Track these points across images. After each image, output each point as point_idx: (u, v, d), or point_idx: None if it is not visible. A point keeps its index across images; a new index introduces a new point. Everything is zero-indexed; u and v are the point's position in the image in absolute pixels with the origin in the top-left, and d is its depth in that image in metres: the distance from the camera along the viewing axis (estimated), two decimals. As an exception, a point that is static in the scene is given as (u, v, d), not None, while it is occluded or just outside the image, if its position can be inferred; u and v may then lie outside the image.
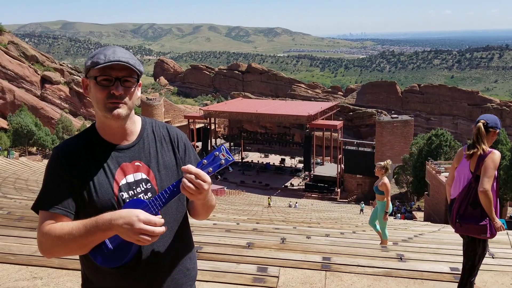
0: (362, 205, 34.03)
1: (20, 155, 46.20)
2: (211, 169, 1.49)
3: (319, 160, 55.54)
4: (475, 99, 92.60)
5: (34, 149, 51.63)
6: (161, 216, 1.48)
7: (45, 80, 69.99)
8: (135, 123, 1.68)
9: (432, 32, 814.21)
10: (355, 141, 53.53)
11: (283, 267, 4.47)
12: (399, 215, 31.85)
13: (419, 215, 31.93)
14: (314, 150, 50.70)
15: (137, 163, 1.63)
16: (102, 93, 1.54)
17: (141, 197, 1.59)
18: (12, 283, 3.72)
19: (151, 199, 1.51)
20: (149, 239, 1.40)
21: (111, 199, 1.55)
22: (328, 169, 52.74)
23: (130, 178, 1.60)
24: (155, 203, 1.49)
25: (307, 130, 49.74)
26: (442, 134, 39.06)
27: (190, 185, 1.44)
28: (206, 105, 74.96)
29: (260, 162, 58.25)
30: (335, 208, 35.37)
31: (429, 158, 34.40)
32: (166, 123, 1.84)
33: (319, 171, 51.89)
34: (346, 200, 46.33)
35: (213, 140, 57.76)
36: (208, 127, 55.88)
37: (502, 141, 31.53)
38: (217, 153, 1.50)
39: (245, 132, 60.51)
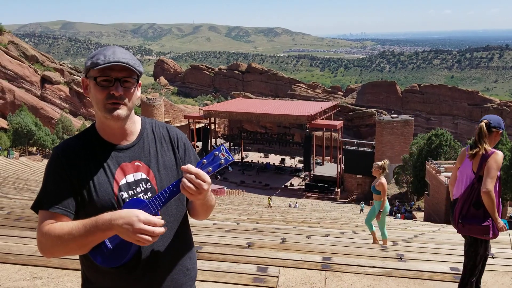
0: (362, 205, 34.03)
1: (20, 155, 46.21)
2: (210, 168, 1.49)
3: (319, 160, 55.53)
4: (475, 99, 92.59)
5: (34, 149, 51.63)
6: (161, 216, 1.48)
7: (45, 80, 70.00)
8: (135, 123, 1.69)
9: (432, 32, 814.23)
10: (355, 141, 53.52)
11: (283, 267, 4.46)
12: (399, 215, 31.83)
13: (419, 215, 31.94)
14: (314, 150, 50.70)
15: (137, 163, 1.63)
16: (101, 93, 1.54)
17: (141, 197, 1.59)
18: (12, 283, 3.72)
19: (150, 198, 1.52)
20: (149, 239, 1.40)
21: (111, 198, 1.56)
22: (328, 169, 52.74)
23: (130, 178, 1.60)
24: (154, 203, 1.49)
25: (307, 130, 49.73)
26: (442, 134, 39.05)
27: (190, 185, 1.44)
28: (206, 105, 74.96)
29: (260, 162, 58.24)
30: (335, 208, 35.37)
31: (429, 158, 34.40)
32: (166, 123, 1.84)
33: (319, 171, 51.89)
34: (346, 200, 46.34)
35: (213, 140, 57.76)
36: (208, 127, 55.87)
37: (502, 141, 31.52)
38: (216, 152, 1.50)
39: (245, 132, 60.49)
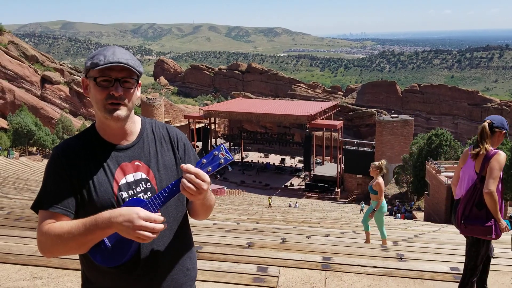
0: (362, 204, 34.03)
1: (20, 155, 46.22)
2: (210, 168, 1.50)
3: (319, 160, 55.52)
4: (475, 99, 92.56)
5: (34, 149, 51.64)
6: (160, 214, 1.48)
7: (45, 80, 70.00)
8: (134, 123, 1.69)
9: (432, 32, 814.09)
10: (355, 141, 53.51)
11: (283, 267, 4.46)
12: (399, 215, 31.84)
13: (419, 215, 31.94)
14: (314, 150, 50.69)
15: (136, 163, 1.63)
16: (101, 94, 1.54)
17: (141, 196, 1.59)
18: (12, 283, 3.72)
19: (150, 198, 1.52)
20: (149, 235, 1.40)
21: (110, 198, 1.56)
22: (328, 169, 52.74)
23: (130, 178, 1.61)
24: (154, 202, 1.50)
25: (307, 130, 49.74)
26: (442, 134, 39.05)
27: (190, 185, 1.44)
28: (206, 105, 74.95)
29: (260, 162, 58.23)
30: (335, 208, 35.38)
31: (429, 158, 34.40)
32: (166, 123, 1.84)
33: (319, 171, 51.89)
34: (346, 200, 46.35)
35: (213, 140, 57.76)
36: (208, 127, 55.87)
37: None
38: (216, 152, 1.50)
39: (245, 132, 60.50)
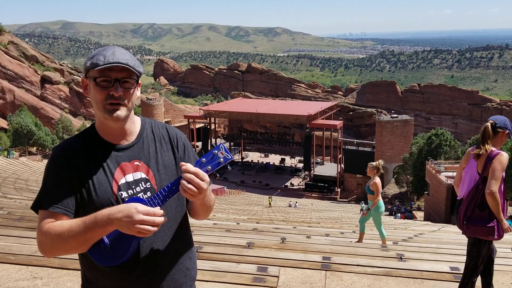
0: (362, 204, 34.01)
1: (20, 155, 46.21)
2: (209, 167, 1.50)
3: (319, 160, 55.51)
4: (475, 98, 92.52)
5: (34, 149, 51.63)
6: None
7: (45, 80, 70.00)
8: (134, 123, 1.69)
9: (432, 31, 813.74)
10: (355, 140, 53.51)
11: (283, 266, 4.46)
12: (399, 214, 31.82)
13: (419, 214, 31.90)
14: (314, 150, 50.69)
15: (136, 163, 1.64)
16: (101, 94, 1.54)
17: (141, 196, 1.60)
18: (12, 283, 3.72)
19: (150, 197, 1.52)
20: (150, 229, 1.40)
21: (110, 198, 1.56)
22: (328, 168, 52.74)
23: (130, 178, 1.61)
24: (153, 201, 1.50)
25: (307, 130, 49.74)
26: (442, 133, 39.02)
27: (190, 186, 1.44)
28: (206, 105, 74.96)
29: (260, 162, 58.23)
30: (335, 208, 35.37)
31: (429, 157, 34.38)
32: (166, 123, 1.85)
33: (319, 170, 51.89)
34: (346, 200, 46.36)
35: (213, 140, 57.74)
36: (208, 127, 55.87)
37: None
38: (215, 151, 1.50)
39: (245, 132, 60.50)
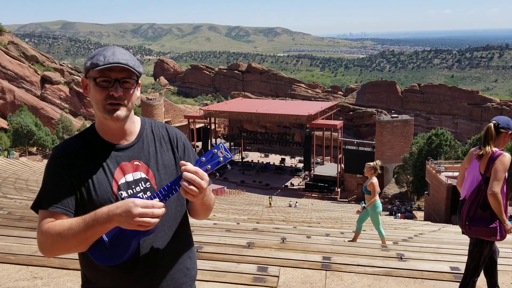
0: (363, 204, 33.75)
1: (20, 155, 46.20)
2: (209, 166, 1.50)
3: (319, 160, 55.50)
4: (475, 98, 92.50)
5: (34, 149, 51.62)
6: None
7: (45, 80, 70.01)
8: (134, 123, 1.69)
9: (432, 31, 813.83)
10: (355, 140, 53.50)
11: (284, 266, 4.46)
12: (399, 214, 31.83)
13: (419, 214, 31.91)
14: (314, 150, 50.68)
15: (136, 163, 1.64)
16: (101, 94, 1.54)
17: (140, 196, 1.60)
18: (12, 283, 3.72)
19: (149, 197, 1.52)
20: (150, 221, 1.40)
21: (110, 197, 1.56)
22: (328, 168, 52.73)
23: (129, 177, 1.61)
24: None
25: (307, 130, 49.73)
26: (442, 133, 39.01)
27: (192, 187, 1.44)
28: (206, 105, 74.94)
29: (260, 161, 58.23)
30: (335, 208, 35.35)
31: (429, 157, 34.38)
32: (166, 123, 1.85)
33: (319, 170, 51.88)
34: (346, 200, 46.34)
35: (213, 140, 57.75)
36: (208, 127, 55.86)
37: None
38: (215, 150, 1.50)
39: (245, 132, 60.49)
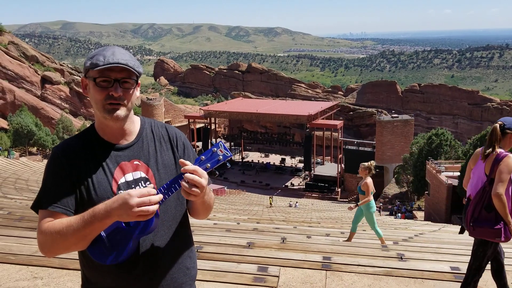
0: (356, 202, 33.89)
1: (21, 155, 46.20)
2: (209, 165, 1.50)
3: (319, 160, 55.51)
4: (475, 98, 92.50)
5: (34, 149, 51.62)
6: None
7: (45, 80, 70.00)
8: (134, 123, 1.69)
9: (432, 31, 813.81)
10: (356, 140, 53.51)
11: (284, 266, 4.46)
12: (399, 214, 31.86)
13: (420, 214, 31.93)
14: (314, 150, 50.68)
15: (136, 162, 1.64)
16: (101, 94, 1.54)
17: None
18: (12, 283, 3.72)
19: None
20: (149, 209, 1.40)
21: (109, 197, 1.55)
22: (329, 168, 52.73)
23: (129, 177, 1.61)
24: None
25: (307, 130, 49.74)
26: (443, 133, 39.00)
27: (193, 188, 1.44)
28: (206, 105, 74.91)
29: (260, 162, 58.23)
30: (335, 208, 35.34)
31: (429, 157, 34.40)
32: (166, 123, 1.85)
33: (319, 170, 51.89)
34: (347, 200, 46.31)
35: (213, 140, 57.74)
36: (208, 127, 55.89)
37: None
38: (215, 149, 1.50)
39: (245, 132, 60.50)
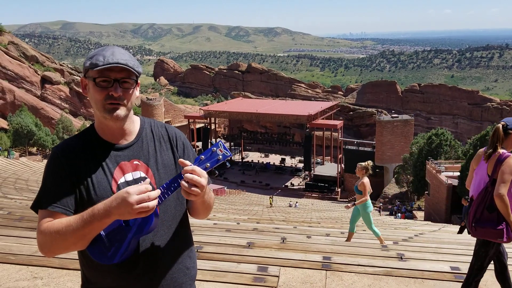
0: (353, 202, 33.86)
1: (21, 155, 46.20)
2: (208, 164, 1.50)
3: (319, 160, 55.50)
4: (475, 98, 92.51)
5: (34, 149, 51.61)
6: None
7: (45, 80, 69.99)
8: (133, 123, 1.69)
9: (432, 31, 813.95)
10: (355, 140, 53.52)
11: (284, 266, 4.46)
12: (399, 214, 31.86)
13: (420, 214, 31.94)
14: (314, 150, 50.67)
15: (135, 162, 1.64)
16: (100, 94, 1.54)
17: None
18: (12, 283, 3.72)
19: None
20: (149, 205, 1.40)
21: (109, 197, 1.56)
22: (329, 168, 52.72)
23: (129, 177, 1.61)
24: None
25: (307, 130, 49.73)
26: (442, 133, 39.01)
27: (193, 188, 1.44)
28: (206, 105, 74.92)
29: (260, 162, 58.22)
30: (335, 208, 35.33)
31: (429, 157, 34.41)
32: (166, 123, 1.85)
33: (319, 170, 51.88)
34: (347, 200, 46.28)
35: (213, 140, 57.73)
36: (208, 127, 55.88)
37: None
38: (214, 148, 1.50)
39: (245, 132, 60.47)
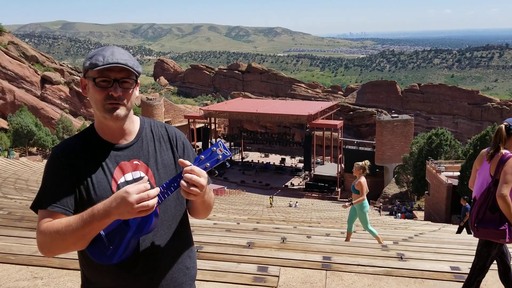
0: (350, 201, 33.86)
1: (21, 155, 46.20)
2: (208, 164, 1.49)
3: (319, 160, 55.49)
4: (475, 98, 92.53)
5: (34, 149, 51.62)
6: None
7: (45, 80, 70.00)
8: (133, 123, 1.69)
9: (432, 31, 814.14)
10: (355, 140, 53.53)
11: (284, 266, 4.46)
12: (399, 214, 31.87)
13: (420, 214, 31.94)
14: (314, 150, 50.66)
15: (135, 162, 1.64)
16: (100, 94, 1.54)
17: None
18: (12, 283, 3.72)
19: None
20: (149, 203, 1.40)
21: (109, 197, 1.56)
22: (329, 168, 52.72)
23: (129, 177, 1.61)
24: None
25: (307, 130, 49.73)
26: (442, 133, 39.01)
27: (192, 188, 1.44)
28: (206, 105, 74.92)
29: (260, 161, 58.23)
30: (335, 208, 35.34)
31: (429, 157, 34.41)
32: (166, 123, 1.85)
33: (319, 170, 51.87)
34: (347, 200, 46.32)
35: (213, 140, 57.73)
36: (208, 127, 55.88)
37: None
38: (214, 148, 1.50)
39: (245, 132, 60.46)
